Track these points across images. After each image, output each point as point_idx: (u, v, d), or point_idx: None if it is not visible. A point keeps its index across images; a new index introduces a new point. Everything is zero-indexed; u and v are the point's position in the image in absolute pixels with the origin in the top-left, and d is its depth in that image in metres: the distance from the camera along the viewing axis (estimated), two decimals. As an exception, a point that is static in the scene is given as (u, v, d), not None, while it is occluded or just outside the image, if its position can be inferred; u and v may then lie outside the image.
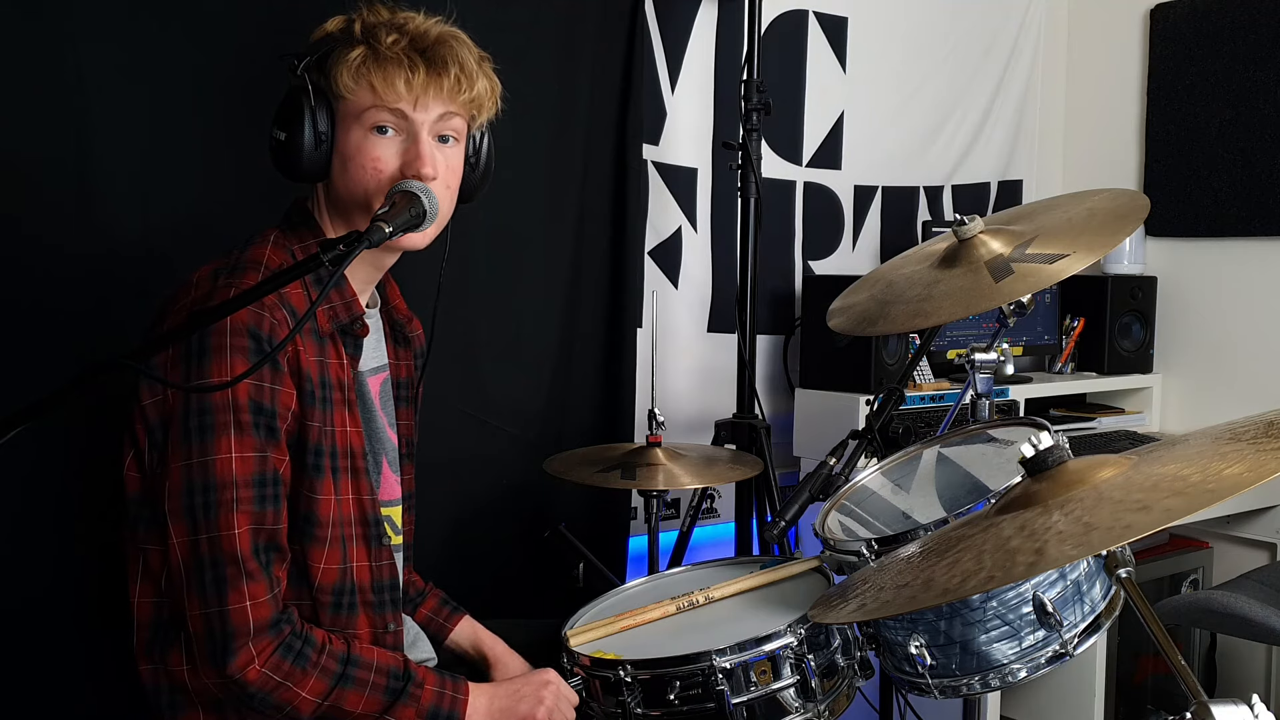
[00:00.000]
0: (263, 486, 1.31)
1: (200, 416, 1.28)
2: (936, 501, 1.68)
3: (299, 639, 1.33)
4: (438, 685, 1.41)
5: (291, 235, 1.44)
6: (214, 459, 1.28)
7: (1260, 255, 3.18)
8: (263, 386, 1.31)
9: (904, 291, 1.78)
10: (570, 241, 2.54)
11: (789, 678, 1.45)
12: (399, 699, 1.37)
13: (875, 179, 3.23)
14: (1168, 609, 2.44)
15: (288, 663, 1.31)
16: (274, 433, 1.32)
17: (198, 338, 1.28)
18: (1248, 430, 1.18)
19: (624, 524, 2.59)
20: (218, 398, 1.28)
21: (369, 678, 1.36)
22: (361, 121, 1.39)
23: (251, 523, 1.30)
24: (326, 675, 1.33)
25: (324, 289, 1.26)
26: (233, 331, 1.28)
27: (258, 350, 1.29)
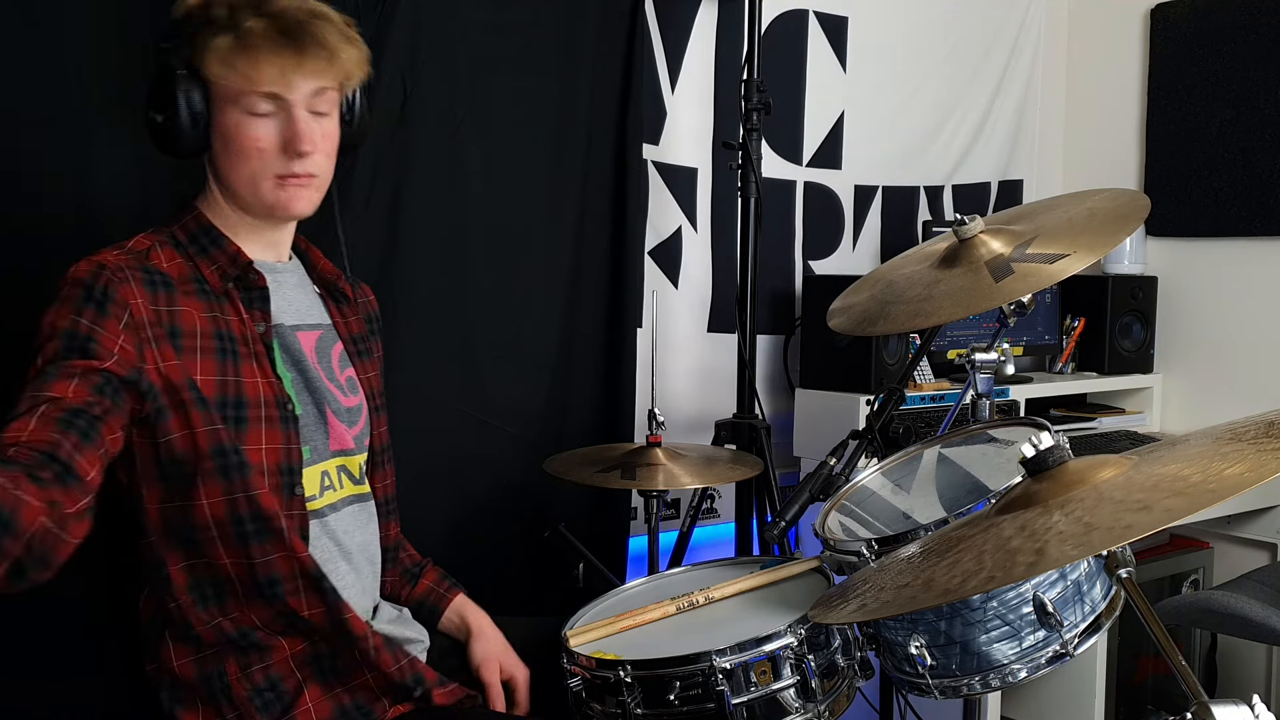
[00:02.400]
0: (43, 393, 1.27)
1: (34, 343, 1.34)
2: (937, 502, 1.68)
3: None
4: None
5: (172, 221, 1.50)
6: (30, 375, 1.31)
7: (1261, 255, 3.18)
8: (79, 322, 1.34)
9: (904, 291, 1.78)
10: (570, 241, 2.53)
11: (789, 678, 1.45)
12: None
13: (875, 179, 3.23)
14: (1168, 609, 2.44)
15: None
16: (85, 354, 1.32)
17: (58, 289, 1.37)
18: (1248, 430, 1.18)
19: (624, 524, 2.59)
20: (43, 329, 1.34)
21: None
22: (237, 104, 1.43)
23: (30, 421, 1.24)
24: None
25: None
26: (69, 283, 1.36)
27: (87, 297, 1.35)
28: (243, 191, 1.48)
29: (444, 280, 2.33)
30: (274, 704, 1.42)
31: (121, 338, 1.35)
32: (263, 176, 1.46)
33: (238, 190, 1.48)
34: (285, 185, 1.47)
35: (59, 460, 1.20)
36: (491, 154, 2.38)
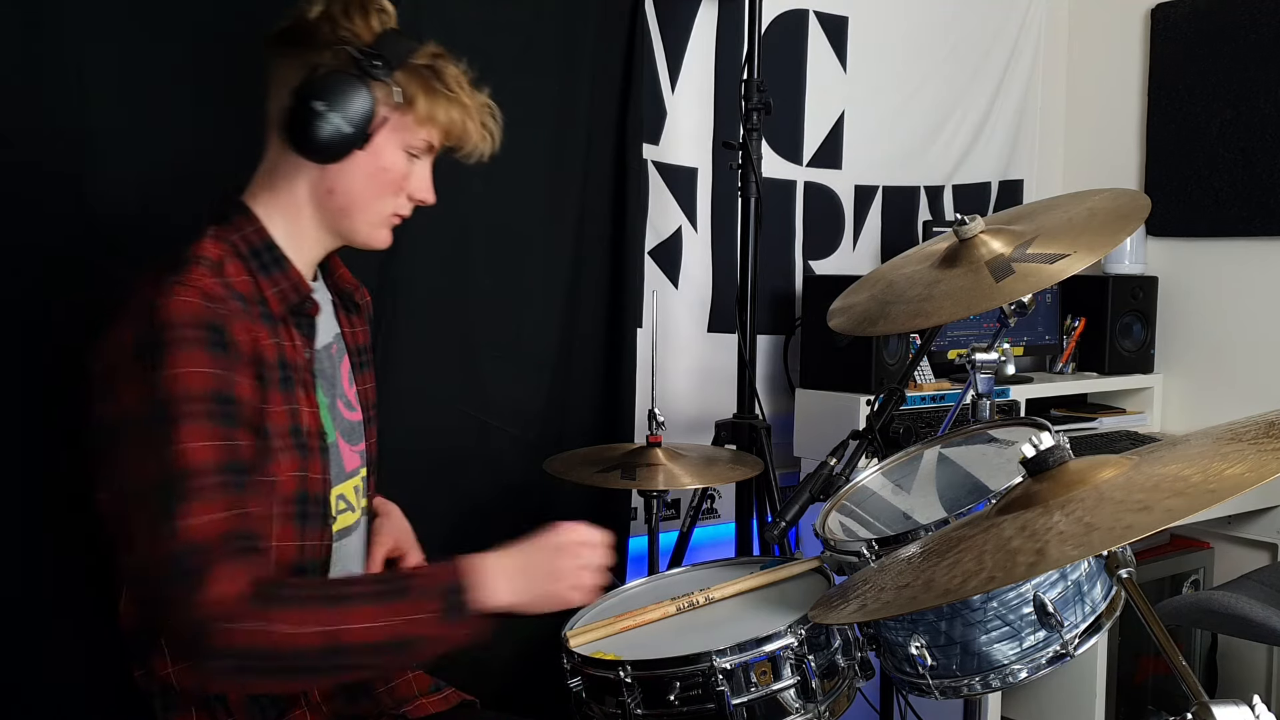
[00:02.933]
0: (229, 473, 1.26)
1: (163, 410, 1.24)
2: (937, 502, 1.68)
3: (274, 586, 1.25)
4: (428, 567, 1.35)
5: (229, 228, 1.42)
6: (181, 448, 1.23)
7: (1261, 255, 3.18)
8: (221, 375, 1.28)
9: (904, 291, 1.78)
10: (570, 241, 2.53)
11: (789, 678, 1.45)
12: (403, 596, 1.27)
13: (876, 179, 3.23)
14: (1169, 609, 2.44)
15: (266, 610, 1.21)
16: (235, 420, 1.29)
17: (149, 335, 1.26)
18: (1249, 430, 1.18)
19: (624, 524, 2.59)
20: (178, 390, 1.24)
21: (355, 590, 1.29)
22: (401, 138, 1.44)
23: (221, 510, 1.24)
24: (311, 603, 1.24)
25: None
26: (185, 325, 1.26)
27: (215, 341, 1.28)
28: (356, 217, 1.45)
29: (444, 280, 2.32)
30: (269, 709, 1.42)
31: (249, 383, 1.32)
32: (385, 210, 1.47)
33: (351, 212, 1.45)
34: (389, 224, 1.49)
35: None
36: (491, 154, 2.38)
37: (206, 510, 1.22)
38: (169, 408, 1.24)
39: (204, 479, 1.23)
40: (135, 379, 1.25)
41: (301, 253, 1.46)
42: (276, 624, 1.21)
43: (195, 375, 1.25)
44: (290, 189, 1.44)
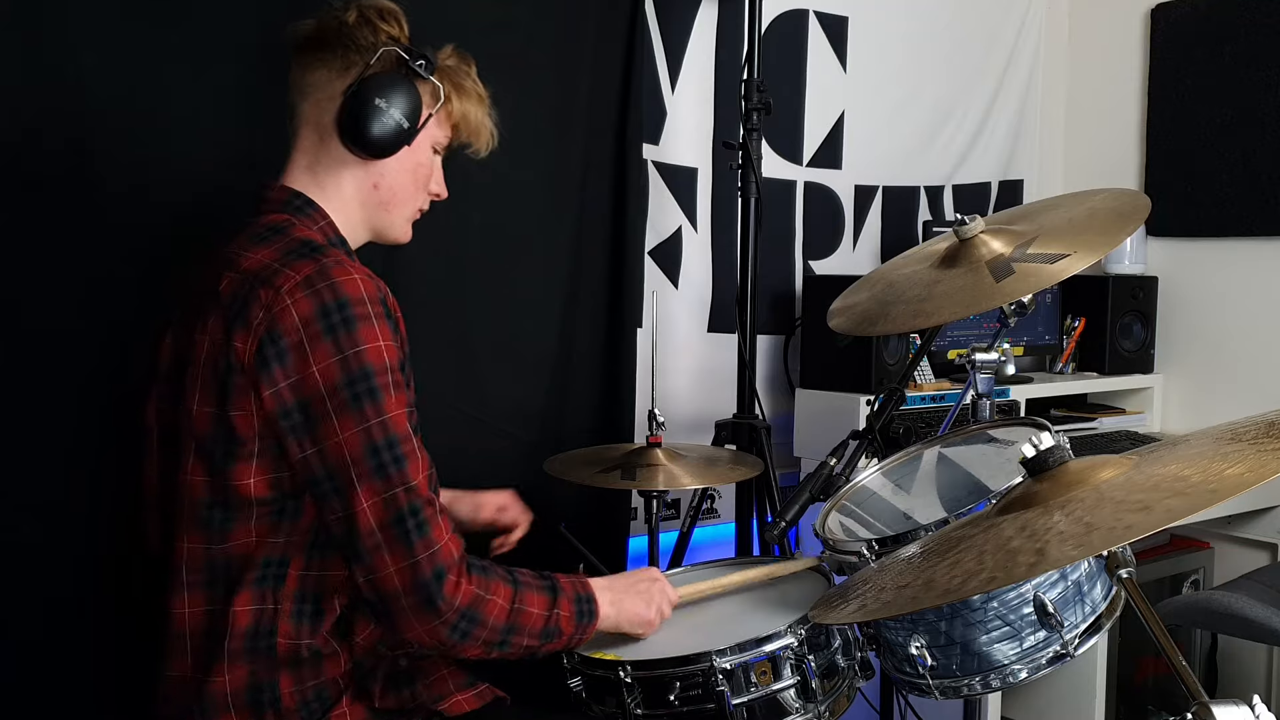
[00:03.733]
0: (417, 434, 1.38)
1: (365, 381, 1.32)
2: (937, 502, 1.68)
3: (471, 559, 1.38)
4: (566, 577, 1.49)
5: (307, 219, 1.47)
6: (389, 416, 1.33)
7: (1261, 255, 3.18)
8: (398, 349, 1.38)
9: (904, 291, 1.78)
10: (570, 241, 2.53)
11: (789, 678, 1.45)
12: (556, 594, 1.44)
13: (876, 179, 3.23)
14: (1169, 609, 2.44)
15: (479, 577, 1.36)
16: (410, 389, 1.40)
17: (337, 311, 1.32)
18: (1249, 430, 1.18)
19: (624, 524, 2.59)
20: (377, 361, 1.33)
21: (529, 579, 1.43)
22: (435, 136, 1.54)
23: (426, 469, 1.37)
24: (505, 580, 1.39)
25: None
26: (370, 300, 1.35)
27: (389, 315, 1.37)
28: (395, 211, 1.53)
29: (443, 280, 2.32)
30: (316, 711, 1.41)
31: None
32: (417, 204, 1.56)
33: (392, 207, 1.53)
34: (414, 218, 1.58)
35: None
36: (491, 153, 2.37)
37: (418, 471, 1.35)
38: (373, 378, 1.33)
39: (409, 444, 1.35)
40: (329, 353, 1.32)
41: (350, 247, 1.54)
42: (488, 589, 1.36)
43: (388, 349, 1.35)
44: (337, 186, 1.50)
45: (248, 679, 1.38)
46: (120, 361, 1.81)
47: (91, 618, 1.83)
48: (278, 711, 1.38)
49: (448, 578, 1.32)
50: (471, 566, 1.36)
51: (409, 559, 1.31)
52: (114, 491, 1.78)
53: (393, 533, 1.32)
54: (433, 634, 1.33)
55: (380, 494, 1.32)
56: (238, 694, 1.37)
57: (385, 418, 1.33)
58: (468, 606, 1.34)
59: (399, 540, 1.31)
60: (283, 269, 1.35)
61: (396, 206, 1.53)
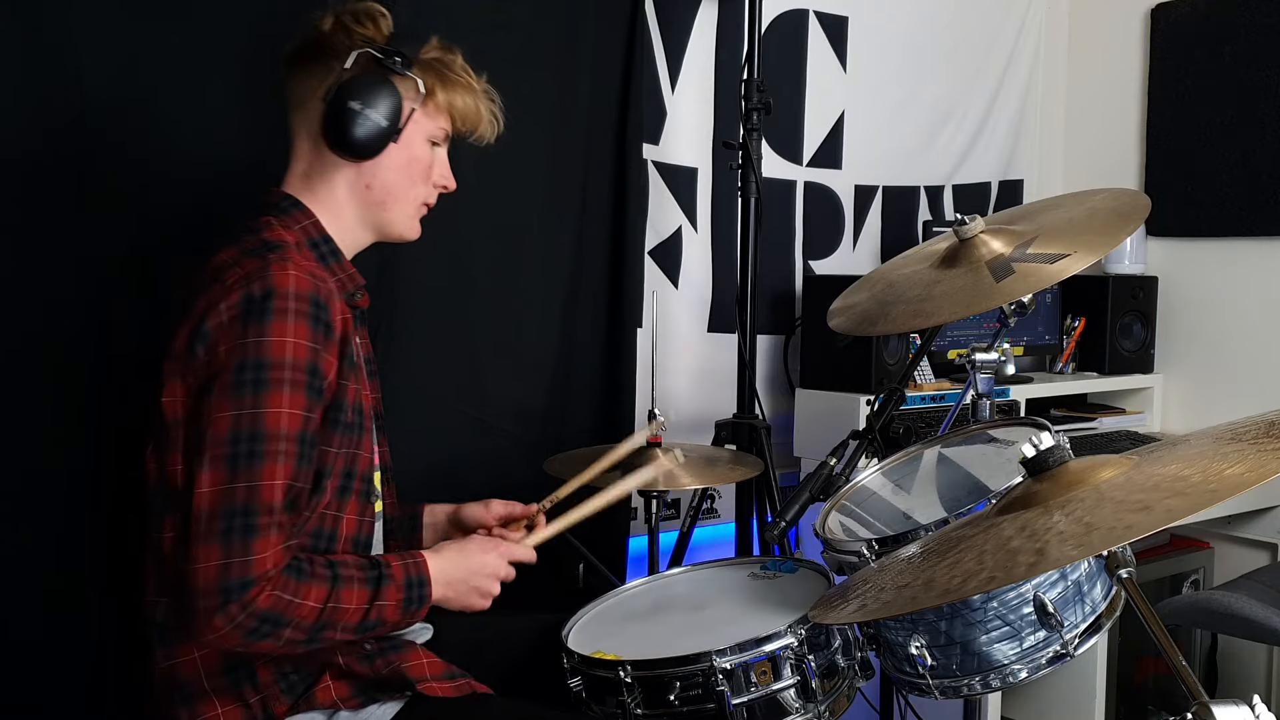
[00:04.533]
0: (303, 444, 1.36)
1: (256, 371, 1.32)
2: (937, 502, 1.68)
3: (298, 559, 1.36)
4: (399, 559, 1.45)
5: (288, 219, 1.50)
6: (265, 411, 1.32)
7: (1261, 255, 3.18)
8: (318, 350, 1.37)
9: (904, 291, 1.78)
10: (570, 241, 2.53)
11: (789, 678, 1.45)
12: (380, 584, 1.40)
13: (876, 179, 3.23)
14: (1169, 609, 2.44)
15: (293, 580, 1.33)
16: (319, 395, 1.38)
17: (259, 302, 1.34)
18: (1249, 430, 1.18)
19: (624, 524, 2.59)
20: (276, 355, 1.33)
21: (352, 573, 1.39)
22: (424, 129, 1.54)
23: (290, 477, 1.34)
24: (322, 580, 1.36)
25: None
26: (296, 297, 1.35)
27: (316, 316, 1.36)
28: (393, 208, 1.55)
29: (444, 280, 2.32)
30: (297, 685, 1.43)
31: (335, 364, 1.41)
32: (418, 199, 1.57)
33: (388, 204, 1.54)
34: (420, 213, 1.59)
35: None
36: (491, 153, 2.36)
37: (273, 475, 1.32)
38: (266, 370, 1.33)
39: (277, 444, 1.33)
40: (234, 337, 1.33)
41: (347, 245, 1.55)
42: (296, 594, 1.33)
43: (295, 346, 1.34)
44: (329, 190, 1.52)
45: (219, 659, 1.40)
46: (117, 360, 1.81)
47: (89, 617, 1.83)
48: (257, 689, 1.40)
49: (251, 588, 1.29)
50: (289, 569, 1.33)
51: (222, 559, 1.29)
52: (110, 488, 1.78)
53: (219, 525, 1.30)
54: (226, 636, 1.30)
55: (221, 483, 1.31)
56: (212, 675, 1.40)
57: (261, 411, 1.32)
58: (267, 609, 1.30)
59: (220, 535, 1.29)
60: (233, 266, 1.40)
61: (393, 204, 1.55)
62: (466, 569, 1.52)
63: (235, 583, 1.28)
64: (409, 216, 1.57)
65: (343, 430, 1.43)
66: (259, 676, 1.41)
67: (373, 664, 1.47)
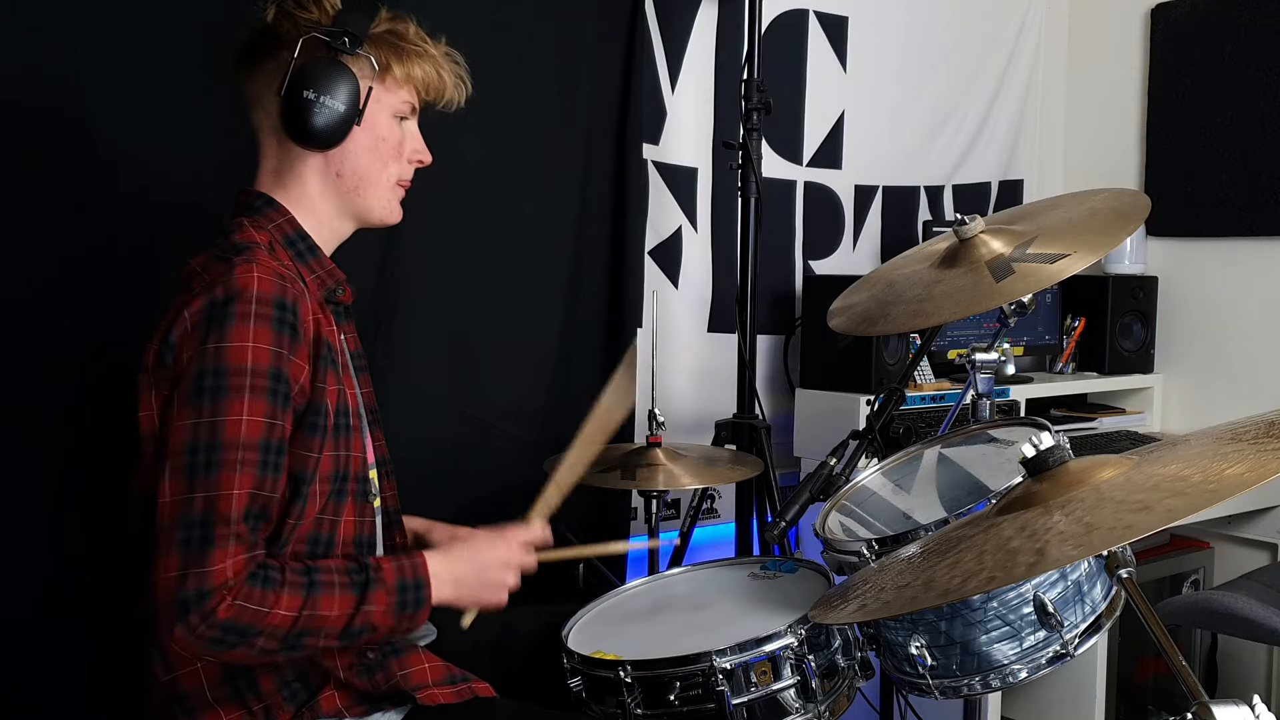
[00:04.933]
0: (267, 453, 1.32)
1: (215, 378, 1.29)
2: (937, 502, 1.68)
3: (263, 568, 1.31)
4: (394, 562, 1.41)
5: (262, 219, 1.47)
6: (224, 420, 1.29)
7: (1261, 255, 3.18)
8: (283, 355, 1.33)
9: (905, 291, 1.78)
10: (570, 241, 2.53)
11: (789, 678, 1.45)
12: (367, 589, 1.36)
13: (876, 179, 3.23)
14: (1168, 609, 2.44)
15: (258, 590, 1.28)
16: (287, 401, 1.34)
17: (220, 306, 1.31)
18: (1249, 430, 1.18)
19: (624, 524, 2.59)
20: (235, 361, 1.30)
21: (334, 579, 1.35)
22: (390, 105, 1.50)
23: (252, 487, 1.30)
24: (297, 588, 1.31)
25: None
26: (258, 300, 1.32)
27: (281, 320, 1.33)
28: (367, 192, 1.51)
29: (444, 280, 2.32)
30: (300, 693, 1.42)
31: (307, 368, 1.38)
32: (392, 179, 1.53)
33: (362, 189, 1.50)
34: (398, 194, 1.55)
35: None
36: (491, 153, 2.38)
37: (234, 484, 1.28)
38: (225, 377, 1.29)
39: (235, 453, 1.29)
40: (195, 344, 1.31)
41: (322, 244, 1.52)
42: (263, 604, 1.28)
43: (259, 350, 1.31)
44: (301, 184, 1.49)
45: (219, 670, 1.38)
46: (113, 360, 1.81)
47: (89, 620, 1.82)
48: (260, 697, 1.39)
49: (209, 599, 1.25)
50: (253, 578, 1.28)
51: (180, 569, 1.25)
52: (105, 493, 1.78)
53: (176, 536, 1.26)
54: (189, 646, 1.27)
55: (181, 493, 1.28)
56: (215, 684, 1.38)
57: (219, 419, 1.28)
58: (230, 620, 1.25)
59: (178, 546, 1.26)
60: (201, 273, 1.37)
61: (367, 188, 1.51)
62: (476, 564, 1.49)
63: (192, 594, 1.25)
64: (386, 199, 1.53)
65: (324, 434, 1.40)
66: (261, 685, 1.39)
67: (372, 677, 1.45)
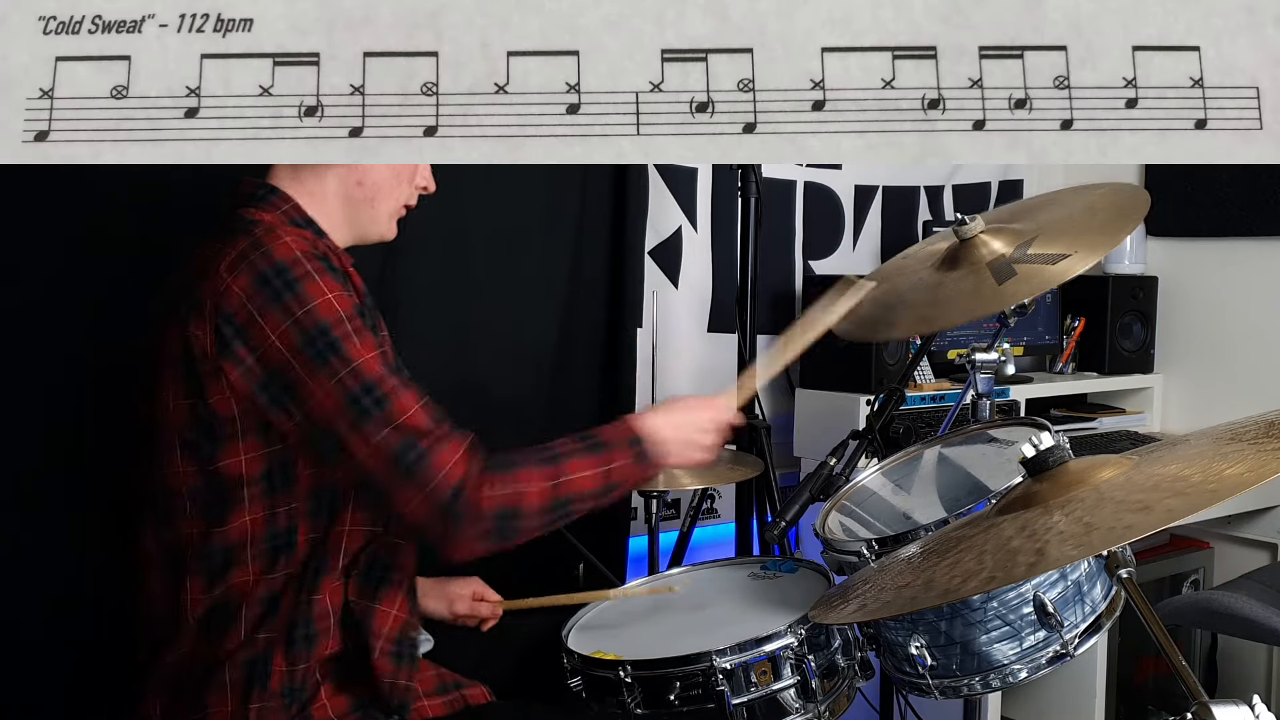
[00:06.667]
0: (399, 372, 1.37)
1: (323, 336, 1.33)
2: (937, 502, 1.68)
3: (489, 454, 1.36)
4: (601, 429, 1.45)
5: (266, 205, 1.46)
6: (356, 362, 1.33)
7: (1261, 255, 3.18)
8: (351, 298, 1.38)
9: (907, 295, 1.78)
10: (570, 241, 2.53)
11: (789, 678, 1.45)
12: (599, 450, 1.41)
13: (876, 178, 3.22)
14: (1168, 609, 2.44)
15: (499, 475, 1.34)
16: (375, 329, 1.41)
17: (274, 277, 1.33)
18: (1249, 430, 1.18)
19: (624, 524, 2.59)
20: (330, 314, 1.34)
21: (571, 447, 1.40)
22: None
23: (416, 400, 1.35)
24: (538, 463, 1.37)
25: None
26: (306, 258, 1.36)
27: (331, 267, 1.37)
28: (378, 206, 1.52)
29: (444, 279, 2.32)
30: (299, 697, 1.41)
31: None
32: (401, 200, 1.55)
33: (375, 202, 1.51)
34: (399, 214, 1.56)
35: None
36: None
37: (405, 406, 1.33)
38: (329, 331, 1.33)
39: (386, 383, 1.33)
40: (280, 321, 1.33)
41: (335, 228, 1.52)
42: (515, 485, 1.34)
43: (338, 299, 1.35)
44: (319, 182, 1.49)
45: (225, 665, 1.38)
46: (110, 359, 1.81)
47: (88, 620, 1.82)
48: (264, 689, 1.38)
49: (464, 494, 1.31)
50: (492, 465, 1.34)
51: (422, 490, 1.31)
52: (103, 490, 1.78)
53: (396, 471, 1.31)
54: (475, 546, 1.34)
55: (371, 440, 1.32)
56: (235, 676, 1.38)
57: (354, 365, 1.33)
58: (499, 508, 1.33)
59: (405, 476, 1.31)
60: (220, 252, 1.38)
61: (380, 201, 1.52)
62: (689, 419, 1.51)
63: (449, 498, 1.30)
64: (389, 216, 1.55)
65: None
66: (270, 684, 1.38)
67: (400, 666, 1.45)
